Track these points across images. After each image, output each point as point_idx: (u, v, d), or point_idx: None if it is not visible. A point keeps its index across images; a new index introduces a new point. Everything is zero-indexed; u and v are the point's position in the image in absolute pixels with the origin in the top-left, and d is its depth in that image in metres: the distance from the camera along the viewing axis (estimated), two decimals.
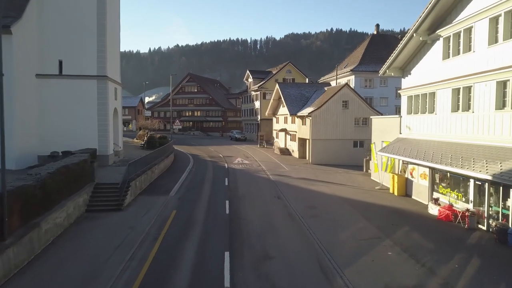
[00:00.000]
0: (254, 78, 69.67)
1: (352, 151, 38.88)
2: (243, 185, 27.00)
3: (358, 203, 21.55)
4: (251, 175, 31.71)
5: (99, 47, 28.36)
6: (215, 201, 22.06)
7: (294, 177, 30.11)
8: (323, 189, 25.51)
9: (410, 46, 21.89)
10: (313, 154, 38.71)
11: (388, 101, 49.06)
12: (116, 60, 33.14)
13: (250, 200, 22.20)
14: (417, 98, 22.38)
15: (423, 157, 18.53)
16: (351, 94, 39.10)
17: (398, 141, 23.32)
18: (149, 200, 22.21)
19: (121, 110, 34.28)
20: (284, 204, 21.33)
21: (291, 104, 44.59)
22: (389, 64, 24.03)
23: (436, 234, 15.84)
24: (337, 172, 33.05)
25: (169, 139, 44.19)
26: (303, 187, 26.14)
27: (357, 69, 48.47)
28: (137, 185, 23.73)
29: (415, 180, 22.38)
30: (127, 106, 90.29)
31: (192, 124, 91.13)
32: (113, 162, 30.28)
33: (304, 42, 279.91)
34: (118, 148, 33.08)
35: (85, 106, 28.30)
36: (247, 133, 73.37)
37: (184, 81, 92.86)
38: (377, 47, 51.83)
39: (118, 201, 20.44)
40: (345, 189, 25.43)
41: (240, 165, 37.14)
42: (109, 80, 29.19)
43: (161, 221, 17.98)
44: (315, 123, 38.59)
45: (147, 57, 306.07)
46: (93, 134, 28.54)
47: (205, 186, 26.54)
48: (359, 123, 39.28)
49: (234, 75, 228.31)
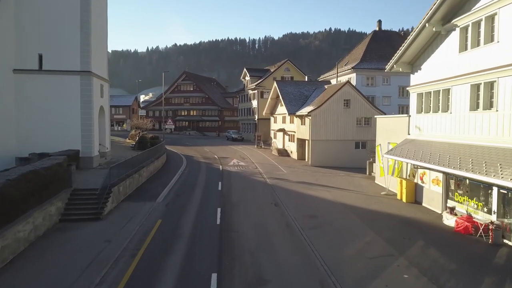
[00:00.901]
0: (251, 76, 67.58)
1: (353, 152, 36.85)
2: (238, 189, 24.93)
3: (364, 211, 19.50)
4: (246, 178, 29.63)
5: (83, 40, 26.27)
6: (205, 209, 19.97)
7: (292, 181, 28.04)
8: (324, 194, 23.45)
9: (421, 38, 19.84)
10: (313, 156, 36.66)
11: (391, 100, 47.03)
12: (103, 56, 31.03)
13: (245, 208, 20.12)
14: (429, 96, 20.34)
15: (437, 161, 16.48)
16: (353, 93, 37.06)
17: (407, 143, 21.29)
18: (133, 207, 20.13)
19: (108, 108, 32.15)
20: (282, 212, 19.26)
21: (289, 103, 42.53)
22: (397, 58, 21.98)
23: (457, 250, 13.80)
24: (338, 175, 31.00)
25: (161, 140, 42.07)
26: (302, 193, 24.08)
27: (358, 66, 46.43)
28: (121, 190, 21.62)
29: (426, 186, 20.35)
30: (122, 105, 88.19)
31: (188, 123, 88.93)
32: (99, 164, 28.16)
33: (303, 41, 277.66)
34: (105, 149, 30.98)
35: (68, 104, 26.23)
36: (244, 133, 71.27)
37: (180, 80, 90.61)
38: (380, 44, 49.80)
39: (97, 209, 18.34)
40: (348, 195, 23.38)
41: (236, 167, 35.07)
42: (93, 76, 27.08)
43: (143, 233, 15.90)
44: (314, 123, 36.54)
45: (145, 56, 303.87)
46: (76, 134, 26.46)
47: (196, 191, 24.45)
48: (361, 123, 37.25)
49: (232, 75, 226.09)
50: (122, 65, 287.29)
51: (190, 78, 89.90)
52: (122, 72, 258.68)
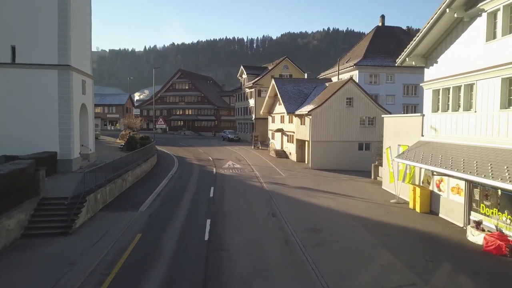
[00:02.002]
0: (248, 74, 65.10)
1: (357, 154, 34.48)
2: (231, 197, 22.48)
3: (374, 223, 17.08)
4: (242, 183, 27.18)
5: (61, 31, 23.76)
6: (193, 220, 17.52)
7: (292, 186, 25.61)
8: (327, 203, 21.03)
9: (439, 27, 17.44)
10: (313, 158, 34.25)
11: (395, 98, 44.61)
12: (86, 50, 28.52)
13: (238, 219, 17.68)
14: (446, 92, 17.97)
15: (462, 167, 14.09)
16: (356, 90, 34.67)
17: (421, 146, 18.89)
18: (111, 218, 17.67)
19: (92, 106, 29.62)
20: (281, 225, 16.82)
21: (288, 102, 40.12)
22: (409, 50, 19.58)
23: (493, 277, 11.40)
24: (341, 180, 28.59)
25: (152, 140, 39.58)
26: (303, 200, 21.64)
27: (361, 63, 43.98)
28: (99, 198, 19.14)
29: (444, 195, 17.96)
30: (115, 104, 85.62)
31: (183, 123, 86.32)
32: (79, 167, 25.65)
33: (301, 41, 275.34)
34: (88, 151, 28.47)
35: (44, 101, 23.74)
36: (241, 133, 68.77)
37: (175, 78, 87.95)
38: (383, 40, 47.37)
39: (67, 221, 15.87)
40: (355, 203, 20.96)
41: (231, 170, 32.62)
42: (73, 70, 24.59)
43: (117, 252, 13.45)
44: (315, 123, 34.13)
45: (143, 55, 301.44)
46: (53, 134, 23.98)
47: (185, 198, 21.99)
48: (365, 123, 34.88)
49: (230, 74, 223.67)
50: (119, 64, 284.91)
51: (185, 76, 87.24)
52: (119, 71, 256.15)
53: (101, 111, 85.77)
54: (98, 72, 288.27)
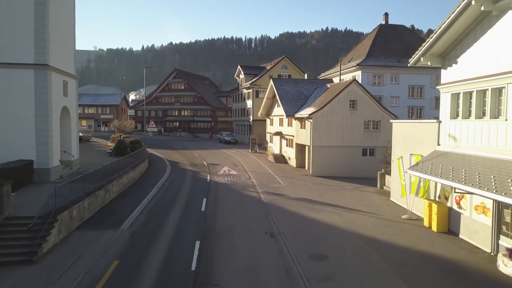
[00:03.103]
0: (246, 74, 62.92)
1: (361, 160, 32.36)
2: (225, 210, 20.30)
3: (387, 247, 14.92)
4: (237, 193, 25.01)
5: (38, 28, 21.56)
6: (180, 243, 15.33)
7: (292, 198, 23.46)
8: (332, 218, 18.87)
9: (461, 22, 15.31)
10: (314, 164, 32.09)
11: (399, 100, 42.47)
12: (69, 48, 26.29)
13: (231, 241, 15.51)
14: (468, 96, 15.85)
15: (493, 186, 11.93)
16: (360, 92, 32.54)
17: (437, 156, 16.77)
18: (87, 239, 15.49)
19: (75, 109, 27.37)
20: (280, 248, 14.66)
21: (287, 104, 37.95)
22: (425, 49, 17.43)
23: None
24: (345, 189, 26.45)
25: (143, 144, 37.35)
26: (305, 216, 19.47)
27: (364, 63, 41.80)
28: (75, 215, 16.95)
29: (465, 213, 15.82)
30: (109, 104, 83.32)
31: (179, 124, 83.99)
32: (60, 176, 23.45)
33: (299, 41, 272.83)
34: (71, 157, 26.24)
35: (19, 104, 21.59)
36: (238, 135, 66.56)
37: (170, 78, 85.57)
38: (387, 38, 45.20)
39: (32, 246, 13.66)
40: (362, 219, 18.81)
41: (226, 177, 30.45)
42: (53, 70, 22.41)
43: (86, 285, 11.27)
44: (316, 127, 31.98)
45: (140, 54, 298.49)
46: (29, 140, 21.79)
47: (174, 212, 19.80)
48: (370, 127, 32.75)
49: (228, 74, 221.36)
50: (116, 63, 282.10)
51: (181, 76, 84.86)
52: (116, 70, 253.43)
53: (94, 112, 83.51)
54: (95, 71, 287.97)
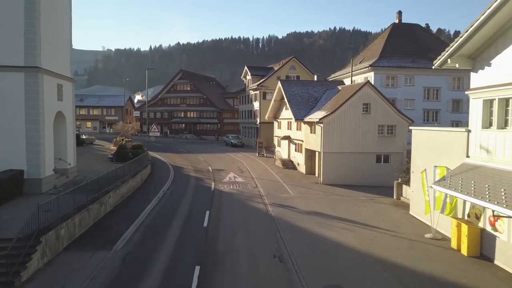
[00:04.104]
0: (253, 75, 61.11)
1: (374, 167, 30.44)
2: (229, 227, 18.55)
3: (412, 277, 13.03)
4: (243, 205, 23.26)
5: (28, 27, 20.05)
6: (177, 269, 13.61)
7: (302, 211, 21.64)
8: (347, 238, 17.03)
9: (498, 19, 13.38)
10: (325, 172, 30.22)
11: (414, 103, 40.39)
12: (64, 49, 24.77)
13: (234, 267, 13.75)
14: (504, 103, 13.94)
15: None
16: (374, 95, 30.60)
17: (468, 170, 14.86)
18: (75, 263, 13.89)
19: (72, 114, 25.81)
20: (290, 278, 12.85)
21: (296, 107, 36.11)
22: (453, 50, 15.51)
23: None
24: (359, 201, 24.56)
25: (145, 149, 35.78)
26: (317, 234, 17.64)
27: (377, 64, 39.76)
28: (63, 234, 15.32)
29: (502, 237, 13.89)
30: (114, 105, 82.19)
31: (185, 126, 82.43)
32: (53, 186, 21.94)
33: (307, 41, 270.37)
34: (67, 165, 24.69)
35: (8, 110, 20.13)
36: (245, 137, 64.79)
37: (176, 79, 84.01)
38: (400, 38, 43.13)
39: (8, 275, 12.03)
40: (382, 239, 16.94)
41: (231, 186, 28.73)
42: (45, 73, 20.88)
43: None
44: (327, 132, 30.10)
45: (148, 54, 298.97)
46: (19, 149, 20.27)
47: (173, 229, 18.10)
48: (384, 132, 30.80)
49: (235, 74, 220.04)
50: (124, 63, 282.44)
51: (187, 77, 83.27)
52: (124, 70, 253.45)
53: (99, 113, 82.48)
54: (103, 71, 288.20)
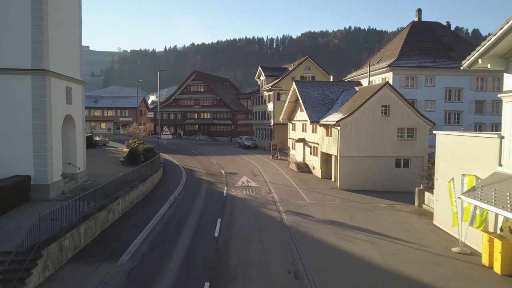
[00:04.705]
0: (267, 76, 60.09)
1: (394, 172, 29.11)
2: (241, 237, 17.59)
3: None
4: (256, 212, 22.29)
5: (35, 29, 19.50)
6: (185, 285, 12.73)
7: (319, 220, 20.54)
8: (368, 251, 15.89)
9: None
10: (342, 176, 29.02)
11: (435, 105, 38.76)
12: (73, 51, 24.24)
13: (246, 283, 12.79)
14: None
15: None
16: (394, 97, 29.27)
17: (501, 181, 13.58)
18: (77, 277, 13.16)
19: (81, 117, 25.26)
20: None
21: (311, 108, 34.97)
22: (485, 49, 14.23)
23: None
24: (378, 209, 23.33)
25: (157, 151, 35.13)
26: (335, 246, 16.54)
27: (396, 64, 38.25)
28: (67, 245, 14.61)
29: None
30: (127, 107, 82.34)
31: (198, 127, 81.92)
32: (62, 192, 21.39)
33: (321, 40, 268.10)
34: (76, 170, 24.15)
35: (14, 113, 19.63)
36: (258, 139, 63.84)
37: (190, 80, 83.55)
38: (420, 37, 41.52)
39: None
40: (405, 253, 15.75)
41: (244, 191, 27.80)
42: (52, 75, 20.31)
43: None
44: (345, 135, 28.90)
45: (163, 55, 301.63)
46: (26, 154, 19.74)
47: (183, 239, 17.24)
48: (404, 135, 29.45)
49: (249, 74, 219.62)
50: (139, 64, 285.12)
51: (200, 77, 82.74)
52: (139, 71, 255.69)
53: (113, 114, 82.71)
54: (118, 72, 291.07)
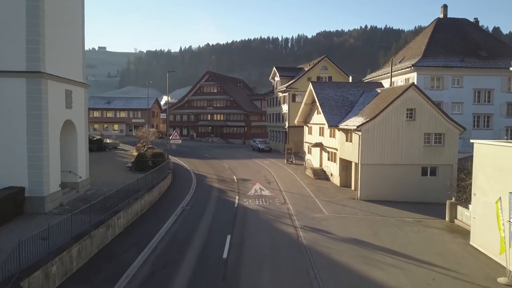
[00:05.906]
0: (281, 76, 58.00)
1: (420, 181, 26.76)
2: (253, 259, 15.63)
3: None
4: (269, 228, 20.28)
5: (30, 28, 18.03)
6: None
7: (339, 238, 18.42)
8: (398, 279, 13.73)
9: None
10: (363, 186, 26.77)
11: (463, 107, 36.03)
12: (75, 52, 22.78)
13: None
14: None
15: None
16: (420, 99, 26.91)
17: None
18: None
19: (83, 122, 23.74)
20: None
21: (329, 111, 32.74)
22: None
23: None
24: (405, 223, 21.07)
25: (166, 157, 33.47)
26: (359, 273, 14.42)
27: (420, 63, 35.65)
28: (54, 271, 12.89)
29: None
30: (140, 108, 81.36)
31: (211, 129, 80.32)
32: (59, 204, 19.85)
33: (337, 40, 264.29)
34: (77, 179, 22.62)
35: (8, 119, 18.24)
36: (272, 142, 61.74)
37: (203, 80, 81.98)
38: (446, 34, 38.77)
39: None
40: (441, 283, 13.55)
41: (257, 200, 25.86)
42: (49, 78, 18.79)
43: None
44: (366, 141, 26.67)
45: (178, 56, 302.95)
46: (20, 163, 18.27)
47: (187, 261, 15.37)
48: (431, 141, 27.05)
49: (263, 74, 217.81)
50: (155, 65, 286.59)
51: (213, 78, 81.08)
52: (155, 72, 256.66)
53: (126, 116, 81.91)
54: (135, 72, 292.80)
